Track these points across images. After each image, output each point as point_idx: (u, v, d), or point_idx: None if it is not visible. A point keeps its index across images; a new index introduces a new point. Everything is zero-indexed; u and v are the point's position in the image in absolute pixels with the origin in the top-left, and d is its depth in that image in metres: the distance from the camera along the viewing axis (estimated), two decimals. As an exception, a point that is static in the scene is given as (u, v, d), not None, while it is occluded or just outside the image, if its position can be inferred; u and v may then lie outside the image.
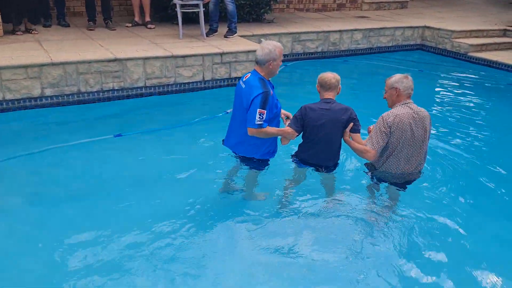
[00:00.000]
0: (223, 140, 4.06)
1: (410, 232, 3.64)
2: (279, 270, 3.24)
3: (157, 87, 6.40)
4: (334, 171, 3.98)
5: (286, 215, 3.83)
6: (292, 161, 4.08)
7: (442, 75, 8.33)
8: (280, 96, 3.93)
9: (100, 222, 3.66)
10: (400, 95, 3.62)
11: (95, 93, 6.05)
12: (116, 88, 6.14)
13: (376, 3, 11.99)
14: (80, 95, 5.98)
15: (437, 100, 7.06)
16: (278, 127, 3.81)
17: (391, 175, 3.73)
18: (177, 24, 7.39)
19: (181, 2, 7.14)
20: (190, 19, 8.25)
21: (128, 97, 6.25)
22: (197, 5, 7.30)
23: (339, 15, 10.81)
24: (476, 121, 6.21)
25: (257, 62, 3.60)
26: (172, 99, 6.39)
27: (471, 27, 9.80)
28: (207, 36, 7.44)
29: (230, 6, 7.39)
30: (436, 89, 7.63)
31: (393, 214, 3.82)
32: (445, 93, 7.45)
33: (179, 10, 7.21)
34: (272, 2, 9.13)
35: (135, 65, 6.15)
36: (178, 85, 6.52)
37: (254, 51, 6.83)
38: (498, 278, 3.21)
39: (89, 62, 5.89)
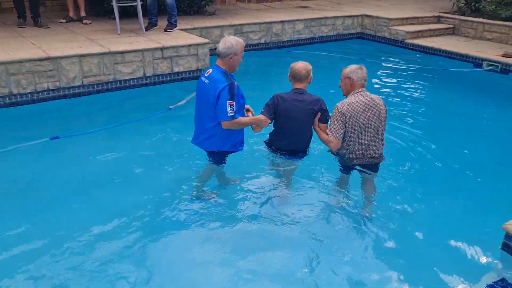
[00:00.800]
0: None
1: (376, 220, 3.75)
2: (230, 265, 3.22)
3: (95, 85, 6.15)
4: (304, 158, 4.09)
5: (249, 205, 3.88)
6: (266, 148, 4.14)
7: (382, 62, 8.56)
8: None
9: (40, 230, 3.49)
10: (354, 84, 3.77)
11: (29, 95, 5.72)
12: (51, 88, 5.84)
13: (317, -8, 12.13)
14: (12, 97, 5.64)
15: (379, 86, 7.24)
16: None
17: (355, 160, 3.85)
18: (114, 18, 7.12)
19: (117, -4, 6.89)
20: (128, 13, 7.99)
21: (64, 97, 5.96)
22: (134, -1, 7.07)
23: (281, 6, 10.84)
24: (417, 105, 6.45)
25: (219, 55, 3.65)
26: (112, 97, 6.17)
27: (407, 14, 10.13)
28: (146, 30, 7.23)
29: (169, -1, 7.23)
30: (377, 76, 7.82)
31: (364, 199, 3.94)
32: (386, 79, 7.65)
33: (115, 4, 6.94)
34: (213, -7, 9.02)
35: (71, 63, 5.87)
36: (118, 83, 6.30)
37: (196, 45, 6.77)
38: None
39: (20, 62, 5.56)
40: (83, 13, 7.81)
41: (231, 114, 3.56)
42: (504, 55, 8.07)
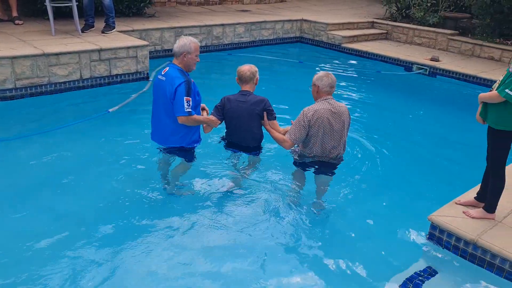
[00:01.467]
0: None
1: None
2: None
3: (29, 88, 5.91)
4: (259, 154, 4.29)
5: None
6: (222, 143, 4.33)
7: (320, 65, 8.83)
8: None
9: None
10: (320, 91, 3.92)
11: (-45, 98, 5.43)
12: (-20, 91, 5.57)
13: (257, -4, 12.33)
14: None
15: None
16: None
17: (318, 162, 4.02)
18: (48, 19, 6.87)
19: (51, -4, 6.66)
20: (63, 14, 7.73)
21: (-5, 100, 5.71)
22: (69, -1, 6.87)
23: (222, 9, 10.92)
24: (353, 105, 6.73)
25: (174, 54, 3.85)
26: (48, 100, 5.96)
27: (344, 19, 10.53)
28: (82, 32, 7.04)
29: (107, 0, 7.07)
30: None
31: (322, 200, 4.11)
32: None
33: (49, 4, 6.70)
34: (152, -5, 8.92)
35: (1, 65, 5.61)
36: (53, 85, 6.10)
37: (135, 47, 6.69)
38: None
39: None
40: (15, 13, 7.47)
41: (188, 110, 3.72)
42: (432, 59, 8.60)
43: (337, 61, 9.19)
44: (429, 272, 3.24)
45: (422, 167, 5.00)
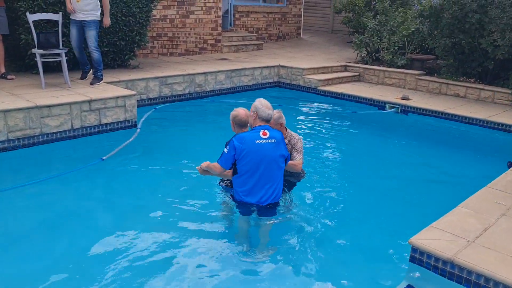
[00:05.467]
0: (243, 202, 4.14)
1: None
2: None
3: (21, 140, 6.12)
4: None
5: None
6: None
7: (298, 108, 9.30)
8: (156, 136, 4.14)
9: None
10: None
11: (-50, 152, 5.59)
12: (-26, 144, 5.76)
13: (235, 45, 12.94)
14: None
15: (298, 129, 7.88)
16: None
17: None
18: (37, 73, 7.17)
19: (43, 52, 6.98)
20: (51, 68, 8.05)
21: (-12, 153, 5.88)
22: (59, 54, 7.20)
23: (202, 58, 11.43)
24: (329, 143, 7.14)
25: (267, 120, 4.22)
26: (40, 151, 6.15)
27: (318, 64, 11.14)
28: (82, 79, 7.42)
29: (95, 54, 7.46)
30: (296, 120, 8.50)
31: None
32: (304, 122, 8.35)
33: (39, 60, 7.03)
34: (135, 47, 9.34)
35: (-5, 118, 5.86)
36: (45, 136, 6.32)
37: (124, 96, 7.02)
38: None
39: None
40: (3, 69, 7.75)
41: None
42: (403, 98, 9.16)
43: (314, 103, 9.68)
44: (413, 291, 3.50)
45: (401, 195, 5.36)
